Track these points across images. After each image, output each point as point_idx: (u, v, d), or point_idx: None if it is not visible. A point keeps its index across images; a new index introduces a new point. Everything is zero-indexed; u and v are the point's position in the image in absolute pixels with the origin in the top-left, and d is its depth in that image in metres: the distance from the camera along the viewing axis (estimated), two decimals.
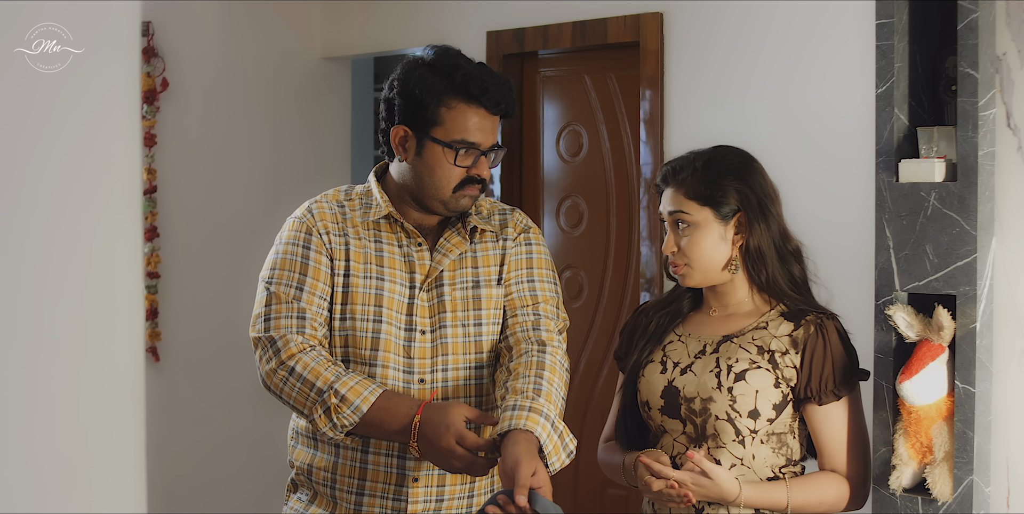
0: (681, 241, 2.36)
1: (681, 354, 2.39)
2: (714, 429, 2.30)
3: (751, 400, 2.29)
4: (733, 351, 2.34)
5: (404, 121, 2.37)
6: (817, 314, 2.36)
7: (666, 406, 2.36)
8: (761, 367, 2.31)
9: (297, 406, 2.31)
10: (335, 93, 5.16)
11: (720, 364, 2.33)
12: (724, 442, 2.31)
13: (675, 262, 2.37)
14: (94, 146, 1.41)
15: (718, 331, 2.39)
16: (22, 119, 1.37)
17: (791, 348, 2.32)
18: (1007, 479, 2.49)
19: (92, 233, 1.41)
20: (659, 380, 2.38)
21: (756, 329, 2.36)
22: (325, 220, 2.41)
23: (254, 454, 4.82)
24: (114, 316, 1.43)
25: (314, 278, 2.36)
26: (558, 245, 4.45)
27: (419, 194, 2.40)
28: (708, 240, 2.35)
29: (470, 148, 2.36)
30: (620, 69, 4.24)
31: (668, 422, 2.36)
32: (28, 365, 1.37)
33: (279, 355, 2.31)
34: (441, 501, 2.40)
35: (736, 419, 2.29)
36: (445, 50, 2.40)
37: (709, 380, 2.32)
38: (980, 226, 2.42)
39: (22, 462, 1.36)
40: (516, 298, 2.46)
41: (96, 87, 1.42)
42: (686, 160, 2.39)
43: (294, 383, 2.29)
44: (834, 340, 2.33)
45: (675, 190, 2.37)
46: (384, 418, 2.26)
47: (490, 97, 2.35)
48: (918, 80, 2.59)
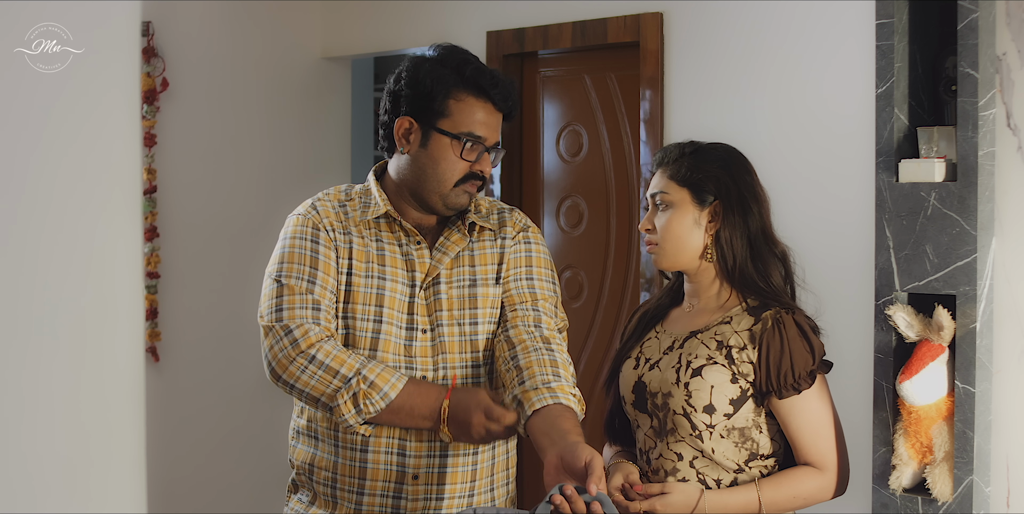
0: (657, 219, 2.39)
1: (654, 350, 2.43)
2: (672, 423, 2.33)
3: (706, 395, 2.30)
4: (695, 347, 2.35)
5: (410, 112, 2.38)
6: (777, 308, 2.33)
7: (636, 400, 2.40)
8: (717, 363, 2.32)
9: (315, 394, 2.29)
10: (335, 93, 5.16)
11: (682, 360, 2.35)
12: (683, 436, 2.33)
13: (649, 240, 2.41)
14: (94, 146, 1.41)
15: (688, 327, 2.41)
16: (22, 119, 1.37)
17: (749, 343, 2.32)
18: (1007, 479, 2.49)
19: (92, 233, 1.41)
20: (631, 375, 2.43)
21: (720, 324, 2.37)
22: (330, 217, 2.41)
23: (254, 454, 4.82)
24: (114, 316, 1.43)
25: (324, 272, 2.36)
26: (558, 245, 4.45)
27: (419, 188, 2.40)
28: (682, 222, 2.37)
29: (476, 142, 2.37)
30: (620, 69, 4.24)
31: (639, 417, 2.41)
32: (28, 365, 1.37)
33: (297, 344, 2.30)
34: (441, 499, 2.40)
35: (691, 414, 2.31)
36: (452, 47, 2.43)
37: (670, 375, 2.35)
38: (980, 226, 2.42)
39: (22, 462, 1.36)
40: (515, 294, 2.47)
41: (96, 87, 1.42)
42: (680, 146, 2.44)
43: (314, 371, 2.28)
44: (792, 334, 2.30)
45: (662, 171, 2.42)
46: (415, 403, 2.28)
47: (499, 92, 2.37)
48: (918, 80, 2.59)
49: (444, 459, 2.40)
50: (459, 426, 2.27)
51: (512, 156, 4.50)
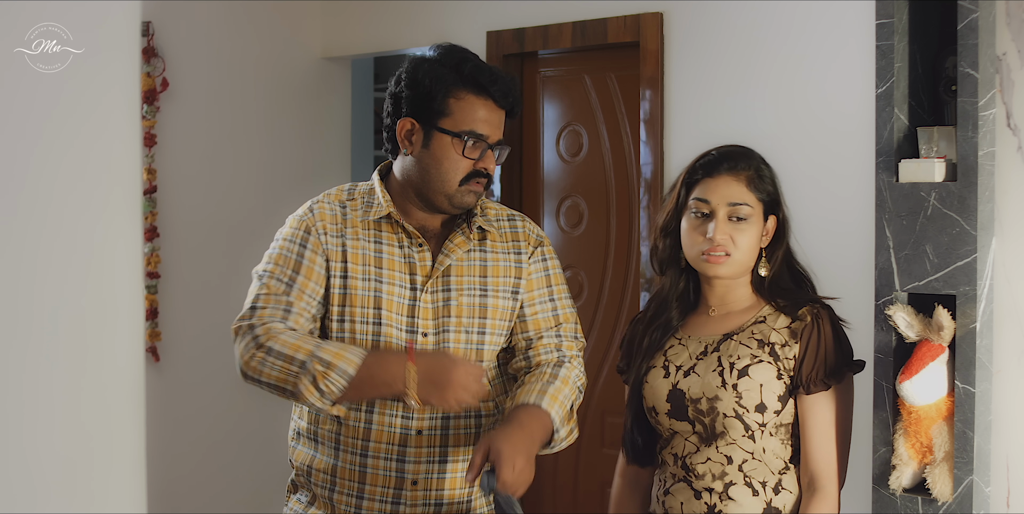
0: (733, 230, 2.36)
1: (682, 357, 2.40)
2: (723, 427, 2.31)
3: (756, 394, 2.30)
4: (734, 348, 2.35)
5: (411, 113, 2.38)
6: (812, 304, 2.37)
7: (673, 409, 2.37)
8: (763, 361, 2.32)
9: (280, 384, 2.27)
10: (335, 93, 5.16)
11: (722, 362, 2.34)
12: (734, 438, 2.31)
13: (724, 249, 2.35)
14: (94, 146, 1.41)
15: (718, 330, 2.40)
16: (22, 119, 1.36)
17: (790, 339, 2.33)
18: (1007, 479, 2.49)
19: (92, 233, 1.41)
20: (663, 384, 2.39)
21: (755, 324, 2.37)
22: (325, 220, 2.41)
23: (254, 454, 4.82)
24: (114, 316, 1.43)
25: (306, 277, 2.36)
26: (558, 245, 4.45)
27: (424, 189, 2.40)
28: (756, 234, 2.38)
29: (478, 140, 2.37)
30: (620, 69, 4.24)
31: (676, 425, 2.37)
32: (28, 365, 1.36)
33: (257, 339, 2.28)
34: (440, 505, 2.40)
35: (744, 415, 2.30)
36: (451, 46, 2.43)
37: (713, 379, 2.33)
38: (980, 226, 2.42)
39: (22, 462, 1.36)
40: (541, 319, 2.48)
41: (96, 87, 1.41)
42: (738, 154, 2.41)
43: (273, 362, 2.26)
44: (827, 330, 2.35)
45: (734, 179, 2.37)
46: (375, 373, 2.25)
47: (499, 89, 2.37)
48: (918, 80, 2.59)
49: (443, 465, 2.40)
50: (435, 386, 2.24)
51: (512, 156, 4.50)
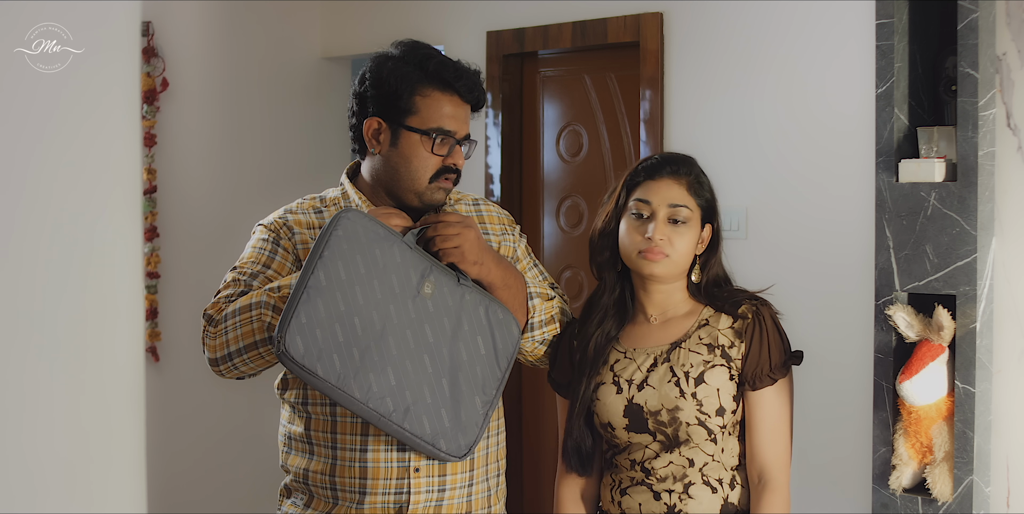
0: (672, 232, 2.36)
1: (630, 370, 2.38)
2: (687, 434, 2.32)
3: (715, 399, 2.31)
4: (684, 356, 2.34)
5: (377, 113, 2.40)
6: (750, 301, 2.37)
7: (632, 423, 2.35)
8: (716, 364, 2.32)
9: (248, 340, 2.26)
10: (335, 93, 5.16)
11: (676, 372, 2.33)
12: (697, 443, 2.32)
13: (660, 249, 2.34)
14: (94, 146, 1.41)
15: (663, 339, 2.39)
16: (22, 119, 1.36)
17: (736, 339, 2.34)
18: (1007, 479, 2.49)
19: (92, 233, 1.41)
20: (617, 400, 2.37)
21: (699, 328, 2.37)
22: (300, 225, 2.44)
23: (253, 453, 4.82)
24: (114, 316, 1.43)
25: (276, 271, 2.38)
26: (558, 245, 4.44)
27: (394, 187, 2.42)
28: (693, 239, 2.38)
29: (446, 136, 2.38)
30: (620, 69, 4.24)
31: (636, 437, 2.36)
32: (28, 365, 1.36)
33: (211, 318, 2.30)
34: (443, 491, 2.40)
35: (707, 421, 2.31)
36: (414, 43, 2.44)
37: (670, 390, 2.32)
38: (980, 226, 2.42)
39: (22, 462, 1.36)
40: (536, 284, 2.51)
41: (96, 87, 1.41)
42: (687, 160, 2.41)
43: (232, 322, 2.26)
44: (769, 325, 2.34)
45: (675, 182, 2.38)
46: None
47: (464, 84, 2.38)
48: (918, 80, 2.59)
49: None
50: None
51: (512, 156, 4.50)
